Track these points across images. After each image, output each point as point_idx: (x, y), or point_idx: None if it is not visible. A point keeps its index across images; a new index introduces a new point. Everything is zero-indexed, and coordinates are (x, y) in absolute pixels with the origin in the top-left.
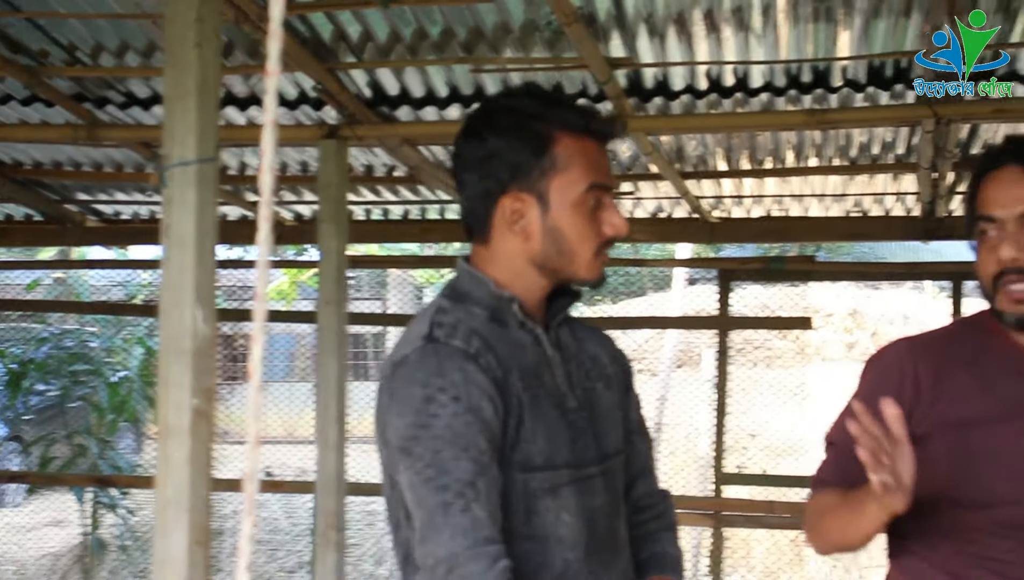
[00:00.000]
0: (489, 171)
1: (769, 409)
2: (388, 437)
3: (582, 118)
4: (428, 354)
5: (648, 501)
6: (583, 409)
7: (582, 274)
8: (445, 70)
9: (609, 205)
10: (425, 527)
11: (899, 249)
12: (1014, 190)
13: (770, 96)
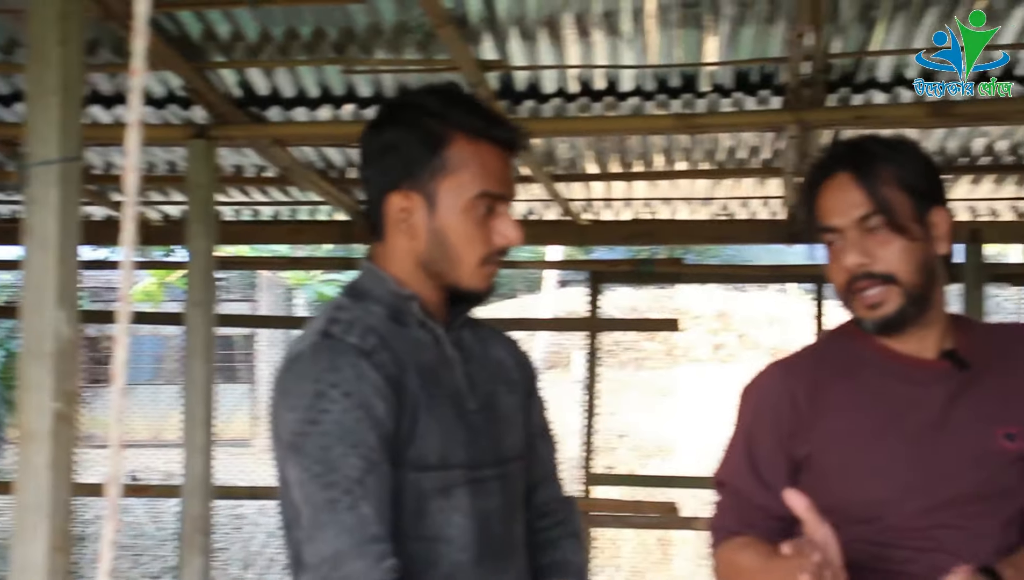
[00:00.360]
0: (384, 166)
1: (638, 410)
2: (279, 433)
3: (482, 121)
4: (322, 350)
5: (551, 507)
6: (482, 410)
7: (466, 282)
8: (316, 71)
9: (502, 214)
10: (312, 525)
11: (765, 252)
12: (849, 196)
13: (640, 100)
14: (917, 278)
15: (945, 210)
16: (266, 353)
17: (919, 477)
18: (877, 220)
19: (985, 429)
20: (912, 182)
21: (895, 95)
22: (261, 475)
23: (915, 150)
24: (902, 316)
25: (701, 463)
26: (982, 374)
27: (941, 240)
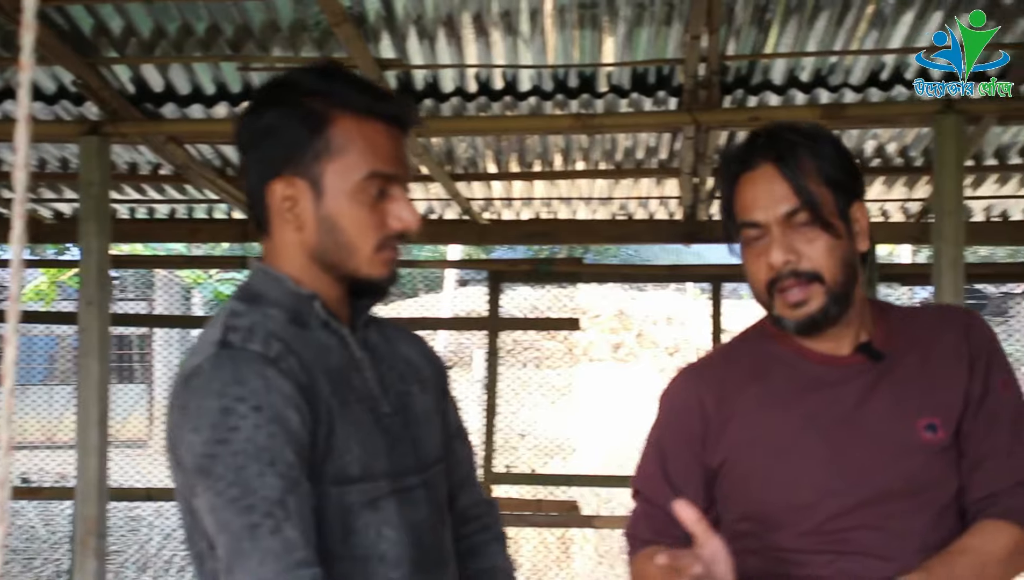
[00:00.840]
0: (263, 152)
1: (538, 409)
2: (182, 457)
3: (366, 97)
4: (223, 361)
5: (474, 512)
6: (398, 414)
7: (364, 270)
8: (212, 68)
9: (397, 197)
10: (232, 554)
11: (663, 252)
12: (773, 189)
13: (538, 100)
14: (841, 276)
15: (863, 205)
16: (162, 353)
17: (836, 478)
18: (803, 216)
19: (904, 422)
20: (833, 176)
21: (789, 97)
22: (157, 476)
23: (833, 141)
24: (825, 315)
25: (601, 462)
26: (898, 363)
27: (861, 235)
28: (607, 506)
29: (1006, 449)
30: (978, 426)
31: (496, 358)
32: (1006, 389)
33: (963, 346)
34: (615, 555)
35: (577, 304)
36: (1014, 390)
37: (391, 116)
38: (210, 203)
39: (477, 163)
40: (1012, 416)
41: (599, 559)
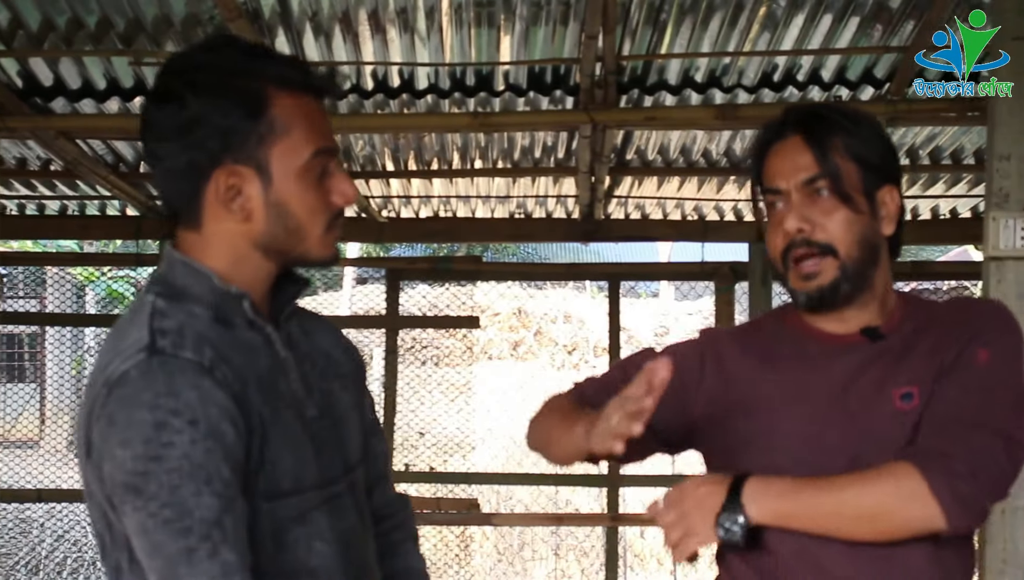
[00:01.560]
0: (193, 141)
1: (437, 407)
2: (107, 472)
3: (299, 72)
4: (154, 369)
5: (388, 510)
6: (324, 416)
7: (315, 253)
8: (103, 62)
9: (336, 171)
10: (166, 578)
11: (561, 250)
12: (797, 158)
13: (435, 98)
14: (856, 253)
15: (896, 190)
16: (54, 352)
17: (811, 449)
18: (823, 184)
19: (883, 395)
20: (864, 154)
21: (684, 97)
22: (49, 477)
23: (872, 125)
24: (835, 290)
25: (501, 459)
26: (894, 344)
27: (887, 219)
28: (506, 504)
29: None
30: (943, 390)
31: (395, 356)
32: (986, 360)
33: (962, 325)
34: (514, 552)
35: (476, 302)
36: (996, 363)
37: (320, 88)
38: (102, 200)
39: (375, 161)
40: (981, 385)
41: (499, 556)
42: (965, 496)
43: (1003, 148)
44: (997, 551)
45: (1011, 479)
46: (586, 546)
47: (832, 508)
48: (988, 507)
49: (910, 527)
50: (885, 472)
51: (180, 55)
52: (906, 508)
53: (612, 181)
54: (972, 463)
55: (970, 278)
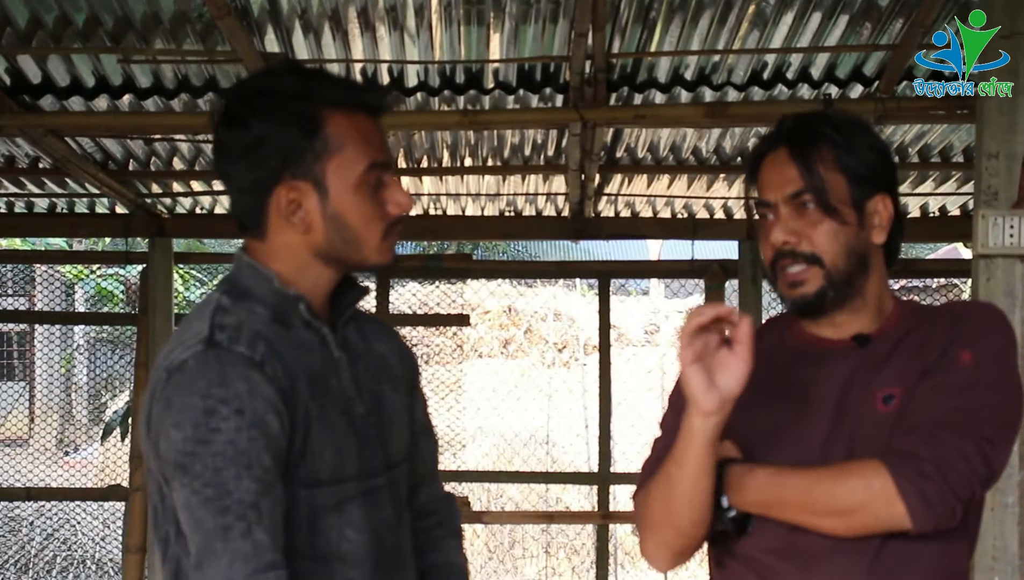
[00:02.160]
0: (257, 160)
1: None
2: (162, 450)
3: (351, 92)
4: (209, 360)
5: (432, 507)
6: (371, 414)
7: (373, 259)
8: (92, 59)
9: (391, 183)
10: (203, 551)
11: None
12: (784, 172)
13: (425, 96)
14: (842, 263)
15: (888, 198)
16: (43, 350)
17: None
18: (808, 198)
19: (869, 398)
20: (852, 166)
21: (673, 95)
22: (38, 476)
23: (864, 134)
24: (821, 298)
25: (491, 457)
26: (882, 347)
27: (879, 228)
28: (497, 501)
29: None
30: (923, 390)
31: None
32: (969, 361)
33: (949, 326)
34: (505, 550)
35: (466, 300)
36: (980, 364)
37: (374, 106)
38: (91, 197)
39: None
40: (962, 386)
41: (489, 554)
42: (931, 497)
43: (992, 146)
44: (987, 548)
45: (984, 481)
46: (577, 544)
47: (804, 502)
48: (957, 508)
49: (877, 525)
50: (855, 470)
51: (244, 81)
52: (873, 507)
53: (602, 179)
54: (941, 464)
55: (959, 276)
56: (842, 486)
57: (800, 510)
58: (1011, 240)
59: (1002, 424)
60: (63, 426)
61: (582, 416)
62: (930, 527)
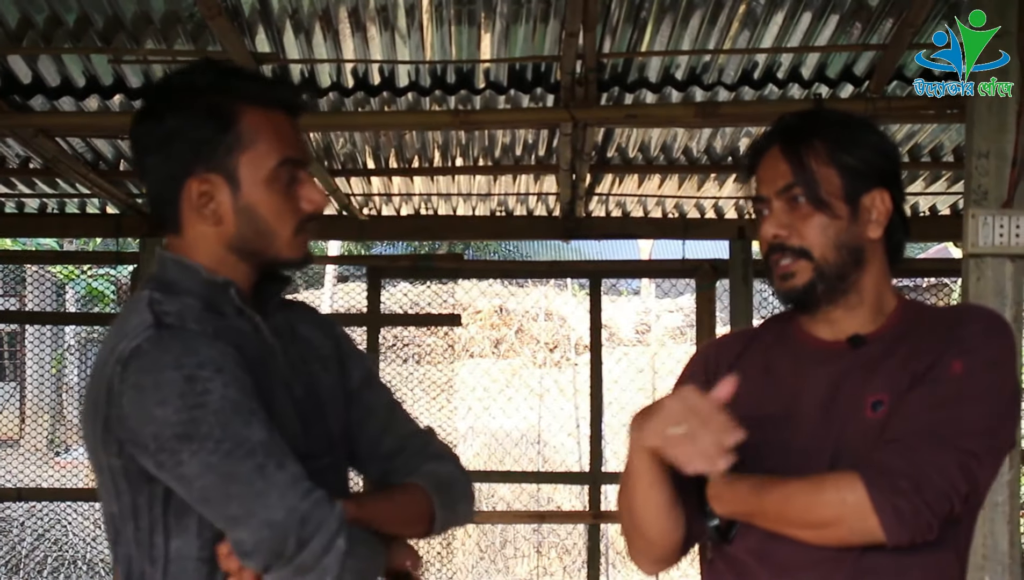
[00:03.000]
0: (170, 152)
1: (419, 405)
2: (150, 434)
3: (266, 89)
4: (167, 339)
5: (401, 445)
6: (310, 397)
7: (285, 254)
8: (82, 60)
9: (305, 180)
10: (248, 499)
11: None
12: (776, 167)
13: (416, 96)
14: (832, 256)
15: (885, 194)
16: (34, 350)
17: (796, 461)
18: (799, 192)
19: (858, 403)
20: (846, 160)
21: (664, 95)
22: (29, 476)
23: (863, 130)
24: (811, 291)
25: (483, 457)
26: (875, 351)
27: (875, 223)
28: (488, 501)
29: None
30: (910, 400)
31: (376, 354)
32: (959, 371)
33: (943, 333)
34: (496, 550)
35: (457, 300)
36: (970, 375)
37: (290, 103)
38: (82, 197)
39: (356, 158)
40: (949, 397)
41: (481, 554)
42: (905, 513)
43: (982, 145)
44: (977, 547)
45: (964, 496)
46: (568, 544)
47: (781, 514)
48: (933, 523)
49: (852, 538)
50: (831, 483)
51: (163, 78)
52: (847, 521)
53: (593, 179)
54: (918, 479)
55: (949, 275)
56: (817, 499)
57: (778, 521)
58: (1001, 239)
59: (989, 437)
60: (54, 426)
61: (573, 416)
62: (904, 541)
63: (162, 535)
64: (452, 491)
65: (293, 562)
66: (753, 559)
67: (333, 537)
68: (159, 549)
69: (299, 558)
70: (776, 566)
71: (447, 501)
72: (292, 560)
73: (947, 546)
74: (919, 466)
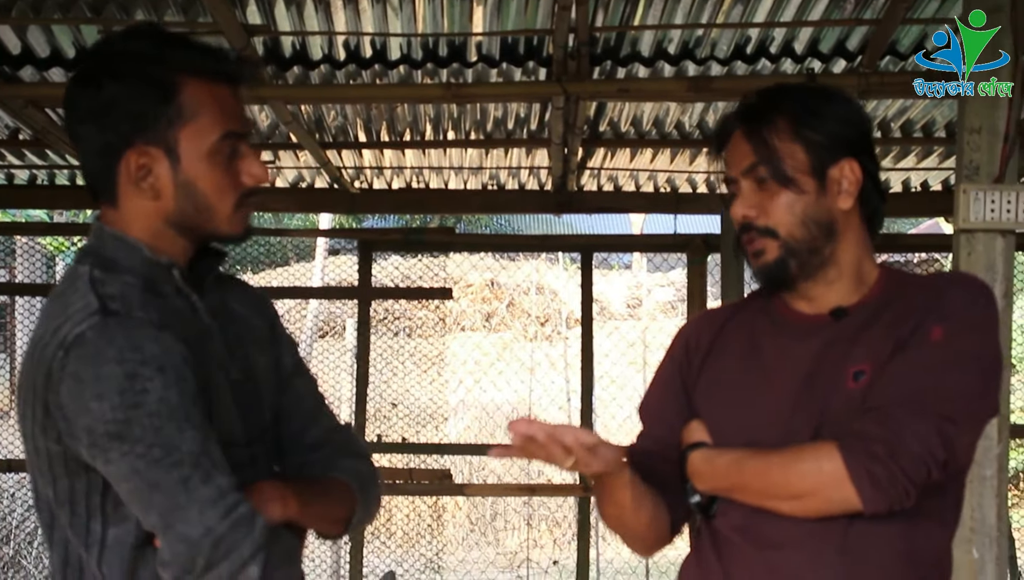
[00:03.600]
0: (108, 123)
1: (410, 378)
2: (83, 426)
3: (210, 61)
4: (112, 328)
5: (325, 438)
6: (247, 379)
7: (224, 229)
8: (72, 30)
9: (247, 153)
10: (168, 511)
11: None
12: (740, 147)
13: (408, 69)
14: (799, 232)
15: (854, 163)
16: (24, 322)
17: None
18: (763, 171)
19: (840, 374)
20: (809, 134)
21: (657, 69)
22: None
23: (830, 102)
24: (783, 267)
25: (473, 430)
26: (857, 321)
27: (843, 194)
28: (479, 474)
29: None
30: (891, 368)
31: (367, 327)
32: (940, 337)
33: (925, 300)
34: (487, 522)
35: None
36: (951, 341)
37: (232, 76)
38: (72, 169)
39: (347, 131)
40: (930, 363)
41: (471, 526)
42: (881, 479)
43: (974, 121)
44: (966, 520)
45: (942, 463)
46: (558, 516)
47: (761, 487)
48: (910, 490)
49: (831, 507)
50: (809, 453)
51: (102, 40)
52: (825, 490)
53: (585, 153)
54: (894, 445)
55: (940, 250)
56: (795, 470)
57: (759, 495)
58: (992, 214)
59: (968, 403)
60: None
61: (564, 389)
62: (882, 509)
63: (99, 522)
64: (370, 491)
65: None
66: (737, 535)
67: (244, 564)
68: (95, 535)
69: (205, 578)
70: (760, 542)
71: (366, 500)
72: (199, 578)
73: (933, 518)
74: (896, 432)
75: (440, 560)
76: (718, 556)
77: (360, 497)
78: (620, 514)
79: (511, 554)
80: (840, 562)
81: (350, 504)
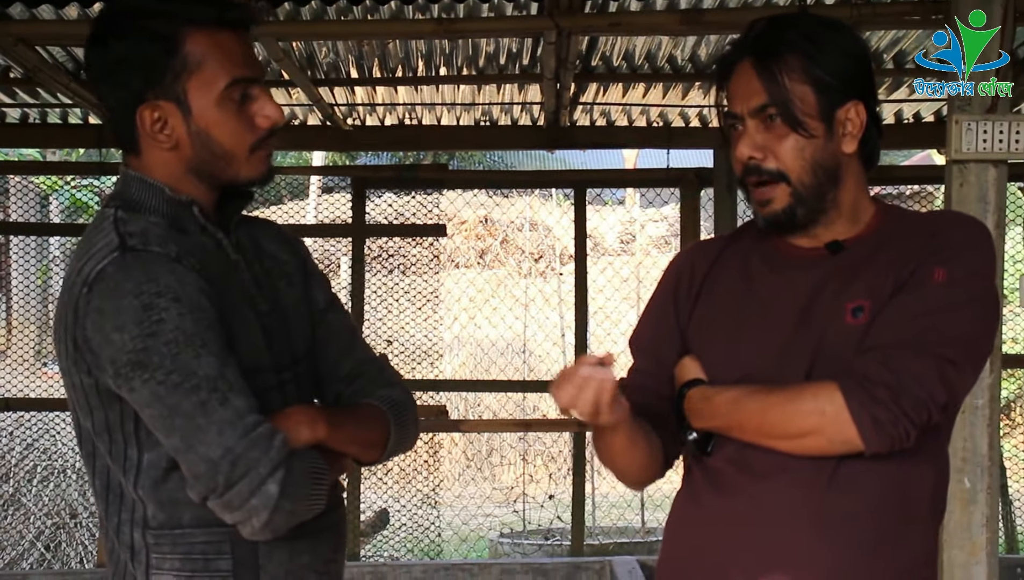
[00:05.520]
0: (119, 80)
1: (405, 315)
2: (107, 357)
3: (211, 10)
4: (130, 263)
5: (359, 370)
6: (274, 311)
7: (244, 174)
8: None
9: (259, 96)
10: (188, 433)
11: (527, 158)
12: (749, 84)
13: (399, 4)
14: (809, 178)
15: (860, 105)
16: (19, 261)
17: (774, 365)
18: (773, 112)
19: (838, 308)
20: (820, 75)
21: (649, 2)
22: (16, 386)
23: (837, 38)
24: (791, 215)
25: (468, 367)
26: (855, 257)
27: (849, 137)
28: (474, 410)
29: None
30: (892, 307)
31: (362, 265)
32: (942, 279)
33: (926, 240)
34: (483, 458)
35: (442, 210)
36: (952, 283)
37: (236, 22)
38: (64, 107)
39: (339, 68)
40: (931, 305)
41: (467, 462)
42: (883, 421)
43: None
44: (957, 450)
45: (943, 405)
46: (554, 451)
47: (760, 426)
48: (911, 431)
49: (831, 448)
50: (810, 393)
51: (108, 4)
52: (826, 430)
53: (577, 88)
54: (897, 387)
55: (932, 182)
56: (796, 410)
57: (757, 434)
58: (984, 145)
59: (969, 346)
60: (40, 337)
61: (558, 325)
62: (883, 450)
63: (135, 448)
64: (405, 415)
65: (222, 498)
66: (731, 467)
67: (263, 481)
68: (132, 461)
69: (226, 496)
70: (754, 473)
71: (401, 424)
72: (221, 497)
73: (925, 455)
74: (899, 374)
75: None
76: (710, 487)
77: (395, 422)
78: (616, 452)
79: (507, 489)
80: (830, 494)
81: (384, 429)
